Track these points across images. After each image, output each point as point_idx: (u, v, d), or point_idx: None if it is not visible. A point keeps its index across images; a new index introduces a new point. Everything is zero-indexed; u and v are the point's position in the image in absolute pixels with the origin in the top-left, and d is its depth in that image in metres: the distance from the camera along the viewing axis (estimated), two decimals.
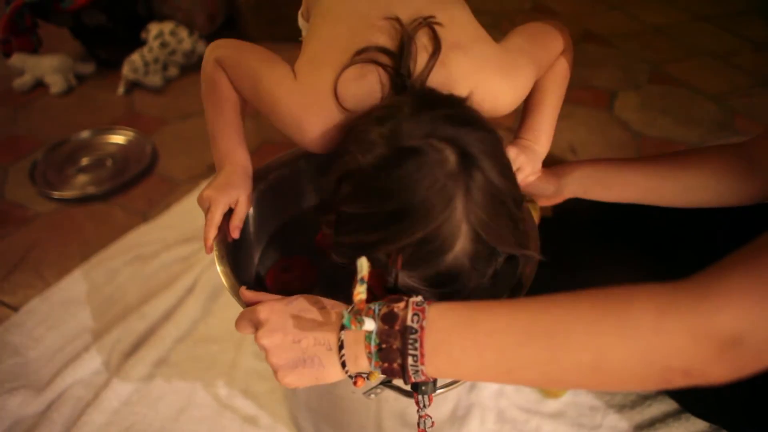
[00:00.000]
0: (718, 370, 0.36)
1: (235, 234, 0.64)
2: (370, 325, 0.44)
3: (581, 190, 0.69)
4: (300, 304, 0.49)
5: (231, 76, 0.64)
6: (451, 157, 0.45)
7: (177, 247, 1.14)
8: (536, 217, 0.67)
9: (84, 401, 0.89)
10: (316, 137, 0.59)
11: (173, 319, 1.00)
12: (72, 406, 0.88)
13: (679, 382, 0.37)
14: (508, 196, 0.48)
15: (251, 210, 0.68)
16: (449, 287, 0.49)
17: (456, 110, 0.50)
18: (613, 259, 0.80)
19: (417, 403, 0.49)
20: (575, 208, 0.75)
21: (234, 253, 0.64)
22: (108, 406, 0.88)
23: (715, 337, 0.35)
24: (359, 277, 0.45)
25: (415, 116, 0.48)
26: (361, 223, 0.48)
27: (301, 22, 0.82)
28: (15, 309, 1.04)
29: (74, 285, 1.08)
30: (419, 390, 0.48)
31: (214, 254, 0.61)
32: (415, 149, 0.46)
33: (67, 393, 0.90)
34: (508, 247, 0.49)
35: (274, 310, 0.48)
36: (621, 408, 0.88)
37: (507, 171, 0.50)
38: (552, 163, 0.72)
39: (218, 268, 0.61)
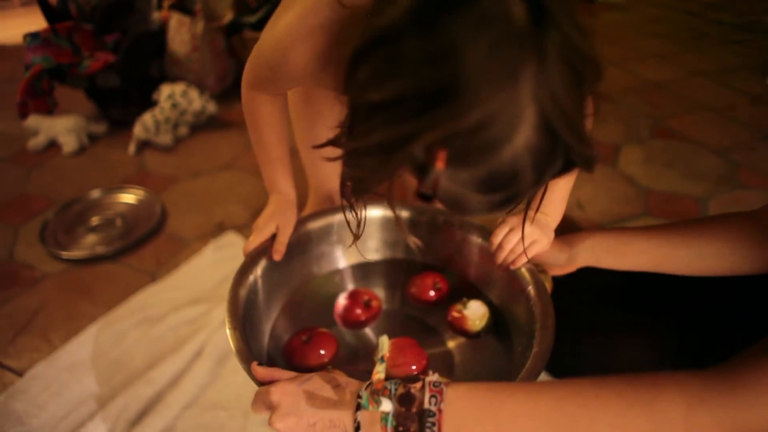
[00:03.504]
0: None
1: (277, 257, 0.73)
2: (387, 406, 0.43)
3: (594, 258, 0.69)
4: (314, 383, 0.48)
5: (265, 88, 0.68)
6: (517, 8, 0.33)
7: (185, 308, 1.13)
8: (549, 287, 0.67)
9: None
10: (310, 58, 0.54)
11: (180, 384, 0.98)
12: None
13: None
14: (587, 65, 0.36)
15: (260, 281, 0.69)
16: (502, 192, 0.39)
17: None
18: (620, 325, 0.79)
19: None
20: (580, 275, 0.75)
21: (245, 324, 0.64)
22: None
23: None
24: (379, 356, 0.45)
25: None
26: (393, 112, 0.37)
27: None
28: (20, 374, 1.02)
29: (80, 348, 1.07)
30: None
31: (227, 329, 0.61)
32: None
33: None
34: (577, 140, 0.38)
35: (287, 391, 0.47)
36: None
37: (583, 29, 0.36)
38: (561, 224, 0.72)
39: (231, 343, 0.60)
